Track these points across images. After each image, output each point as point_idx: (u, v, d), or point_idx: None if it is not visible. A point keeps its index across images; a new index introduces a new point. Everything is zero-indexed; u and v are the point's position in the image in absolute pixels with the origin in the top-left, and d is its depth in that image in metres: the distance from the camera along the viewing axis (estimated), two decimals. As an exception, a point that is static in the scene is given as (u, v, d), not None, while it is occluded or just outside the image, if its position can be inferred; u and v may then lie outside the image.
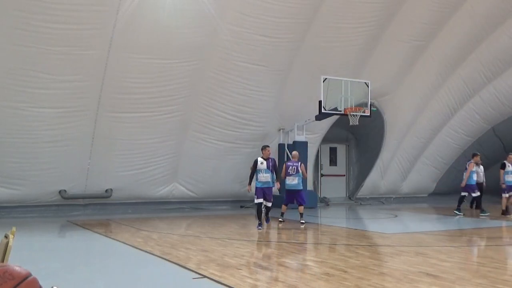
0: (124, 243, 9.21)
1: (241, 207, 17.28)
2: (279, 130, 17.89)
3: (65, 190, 15.15)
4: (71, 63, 13.15)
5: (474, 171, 15.48)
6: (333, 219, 15.10)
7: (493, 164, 24.63)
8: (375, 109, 17.56)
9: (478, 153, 16.30)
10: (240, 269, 6.70)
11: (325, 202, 19.74)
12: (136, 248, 8.57)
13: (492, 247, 9.35)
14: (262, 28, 14.77)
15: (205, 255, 7.78)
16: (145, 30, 13.46)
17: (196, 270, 6.59)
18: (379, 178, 21.17)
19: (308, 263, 7.65)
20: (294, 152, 13.57)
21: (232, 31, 14.49)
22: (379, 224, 14.12)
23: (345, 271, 6.65)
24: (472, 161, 15.69)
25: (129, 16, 12.97)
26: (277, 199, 14.02)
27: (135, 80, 14.19)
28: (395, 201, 21.79)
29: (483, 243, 9.63)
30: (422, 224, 14.12)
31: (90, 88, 13.72)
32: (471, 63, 19.40)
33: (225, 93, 15.64)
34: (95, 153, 14.80)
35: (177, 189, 16.83)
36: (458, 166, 23.87)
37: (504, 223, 13.31)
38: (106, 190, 15.65)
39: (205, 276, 6.25)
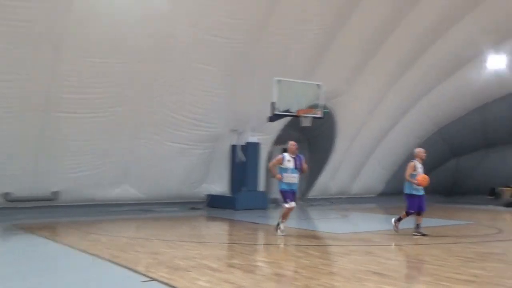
0: (72, 246, 8.97)
1: (192, 208, 17.15)
2: (232, 131, 17.86)
3: (9, 193, 14.62)
4: (17, 61, 12.71)
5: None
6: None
7: (439, 165, 25.47)
8: (327, 110, 17.77)
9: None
10: (190, 271, 6.64)
11: (276, 203, 19.81)
12: (84, 251, 8.36)
13: (437, 245, 9.61)
14: (215, 28, 14.71)
15: (154, 258, 7.67)
16: (95, 29, 13.16)
17: (145, 273, 6.49)
18: (329, 179, 21.46)
19: (259, 264, 7.67)
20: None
21: (184, 31, 14.37)
22: (329, 224, 14.29)
23: (295, 272, 6.69)
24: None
25: (79, 15, 12.68)
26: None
27: (84, 80, 13.85)
28: (345, 201, 22.12)
29: (428, 241, 9.89)
30: (370, 224, 14.39)
31: (37, 87, 13.30)
32: (419, 67, 19.92)
33: (176, 93, 15.46)
34: (42, 154, 14.34)
35: (127, 191, 16.53)
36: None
37: (451, 222, 13.69)
38: (53, 192, 15.21)
39: (154, 279, 6.16)
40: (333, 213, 17.40)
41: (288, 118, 17.72)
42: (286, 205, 10.33)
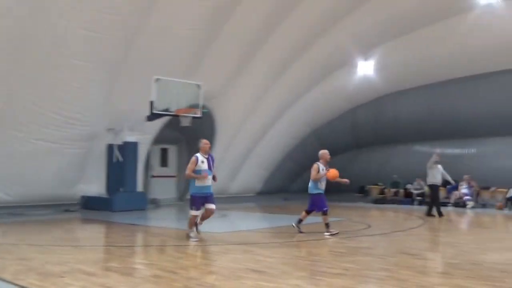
0: None
1: (66, 211, 16.31)
2: (109, 130, 17.26)
3: None
4: None
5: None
6: (163, 221, 14.98)
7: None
8: (207, 110, 17.84)
9: None
10: (63, 277, 6.31)
11: (155, 203, 19.52)
12: None
13: (312, 241, 10.04)
14: (90, 23, 14.10)
15: (23, 264, 7.18)
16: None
17: (12, 281, 6.05)
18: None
19: (137, 266, 7.50)
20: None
21: (57, 24, 13.62)
22: (208, 224, 14.23)
23: (175, 272, 6.63)
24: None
25: None
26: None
27: None
28: (224, 201, 22.31)
29: (304, 238, 10.29)
30: (249, 223, 14.68)
31: None
32: (295, 70, 20.66)
33: (46, 89, 14.60)
34: None
35: (-9, 193, 15.34)
36: (283, 167, 25.38)
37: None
38: None
39: (23, 287, 5.77)
40: (213, 212, 17.44)
41: (167, 118, 17.54)
42: (192, 212, 9.69)
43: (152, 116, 15.95)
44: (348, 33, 19.75)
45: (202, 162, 9.68)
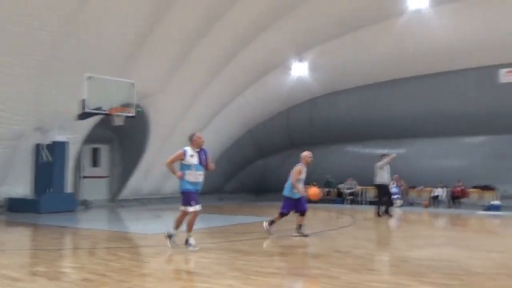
0: None
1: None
2: (36, 129, 16.59)
3: None
4: None
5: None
6: (94, 222, 14.58)
7: (248, 165, 26.74)
8: (141, 109, 17.53)
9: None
10: (-16, 283, 6.00)
11: (86, 205, 18.98)
12: None
13: (246, 241, 10.06)
14: (17, 17, 13.52)
15: None
16: None
17: None
18: (142, 179, 21.19)
19: (65, 270, 7.23)
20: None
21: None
22: (141, 225, 14.09)
23: (105, 275, 6.45)
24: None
25: None
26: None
27: None
28: (158, 201, 22.02)
29: (238, 238, 10.29)
30: (184, 224, 14.50)
31: None
32: (230, 70, 20.68)
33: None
34: None
35: None
36: (219, 167, 25.27)
37: (258, 219, 14.43)
38: None
39: None
40: (146, 213, 17.21)
41: (100, 117, 17.09)
42: (190, 209, 8.53)
43: (84, 115, 15.50)
44: (283, 34, 19.97)
45: (192, 156, 8.76)
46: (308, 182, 24.34)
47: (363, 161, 20.69)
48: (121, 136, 21.12)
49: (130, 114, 16.12)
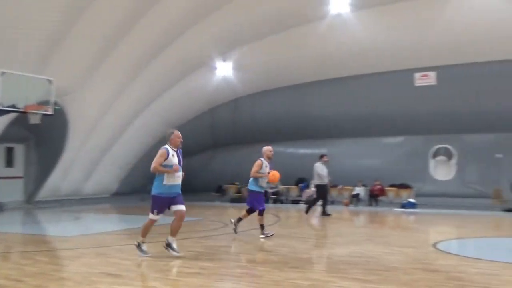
0: None
1: None
2: None
3: None
4: None
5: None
6: (8, 225, 13.86)
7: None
8: (59, 107, 16.88)
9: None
10: None
11: (1, 207, 18.03)
12: None
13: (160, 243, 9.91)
14: None
15: None
16: None
17: None
18: (61, 179, 20.39)
19: (-24, 276, 6.82)
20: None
21: None
22: (59, 228, 13.57)
23: (20, 280, 6.15)
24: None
25: None
26: None
27: None
28: (77, 202, 21.28)
29: (162, 238, 10.13)
30: (103, 225, 14.14)
31: None
32: (153, 68, 20.30)
33: None
34: None
35: None
36: (141, 166, 24.82)
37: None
38: None
39: None
40: (64, 215, 16.60)
41: (14, 114, 16.28)
42: (150, 215, 8.11)
43: (-4, 113, 14.74)
44: (208, 34, 19.88)
45: (173, 155, 8.40)
46: (231, 182, 24.51)
47: (286, 161, 20.96)
48: (37, 135, 20.20)
49: (47, 112, 15.49)
